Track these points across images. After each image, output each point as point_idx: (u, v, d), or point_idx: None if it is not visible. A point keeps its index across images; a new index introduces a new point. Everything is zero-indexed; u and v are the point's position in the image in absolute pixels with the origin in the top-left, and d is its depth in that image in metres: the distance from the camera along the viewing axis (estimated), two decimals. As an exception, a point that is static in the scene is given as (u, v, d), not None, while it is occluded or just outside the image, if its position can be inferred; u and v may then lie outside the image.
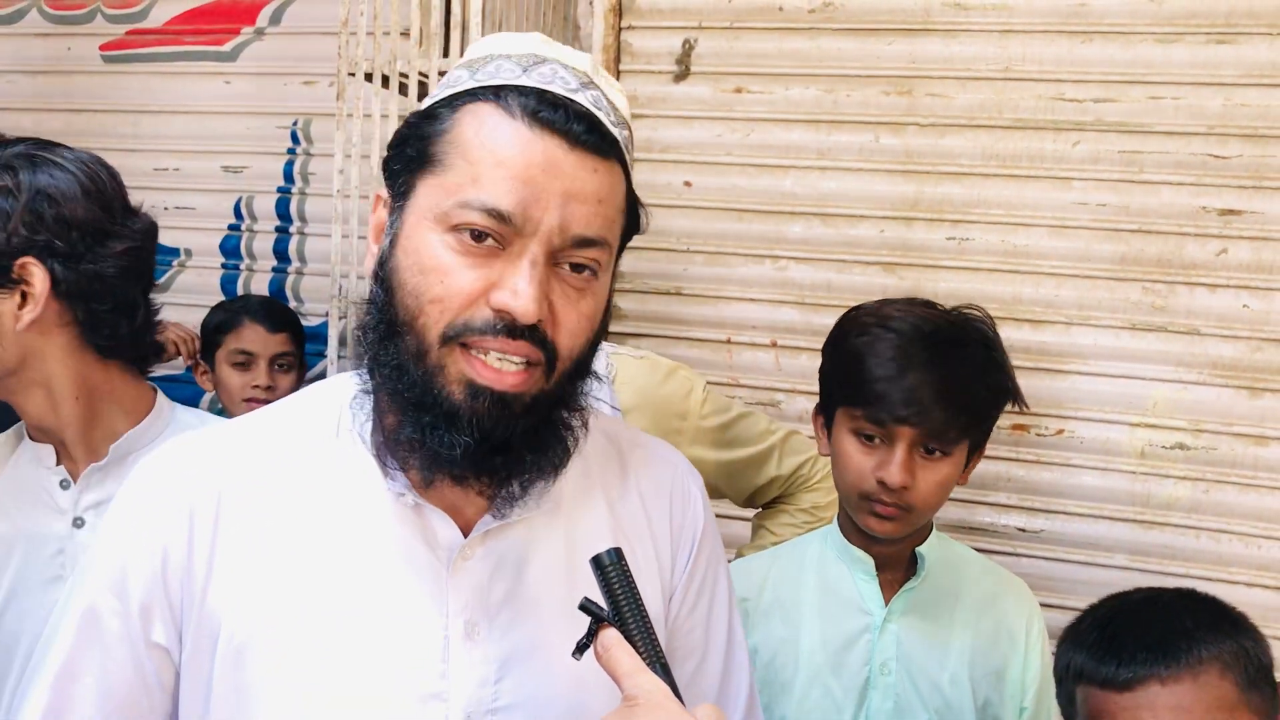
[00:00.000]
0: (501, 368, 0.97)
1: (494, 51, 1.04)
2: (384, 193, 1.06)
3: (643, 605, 0.96)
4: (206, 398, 2.87)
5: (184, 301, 3.33)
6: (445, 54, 2.57)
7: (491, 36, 1.09)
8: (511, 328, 0.96)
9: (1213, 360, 2.52)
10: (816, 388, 1.72)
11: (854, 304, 1.74)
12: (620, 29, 2.81)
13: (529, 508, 1.07)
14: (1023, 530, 2.62)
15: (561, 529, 1.09)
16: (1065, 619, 2.47)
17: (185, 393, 3.25)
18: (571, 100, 0.99)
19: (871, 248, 2.70)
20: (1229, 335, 2.51)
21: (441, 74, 2.54)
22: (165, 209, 3.35)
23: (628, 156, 1.06)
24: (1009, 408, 1.67)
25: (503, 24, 2.63)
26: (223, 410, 2.79)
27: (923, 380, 1.54)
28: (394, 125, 2.60)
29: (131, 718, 1.04)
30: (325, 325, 2.92)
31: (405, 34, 2.64)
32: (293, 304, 3.15)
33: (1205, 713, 1.24)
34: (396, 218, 1.02)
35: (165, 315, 3.24)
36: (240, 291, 3.29)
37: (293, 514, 1.04)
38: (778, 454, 2.22)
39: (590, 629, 0.96)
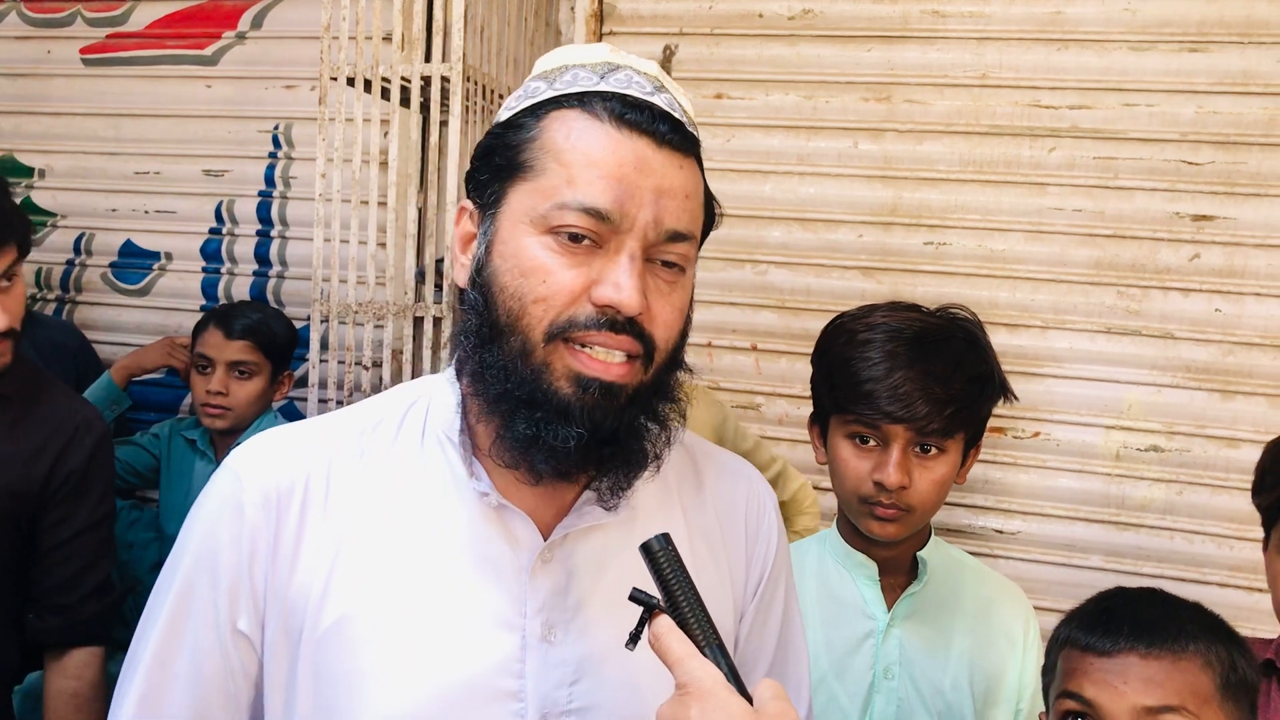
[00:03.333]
0: (606, 359, 0.99)
1: (568, 62, 1.06)
2: (468, 204, 1.08)
3: (694, 589, 0.97)
4: (188, 399, 2.87)
5: (165, 305, 3.33)
6: (427, 59, 2.58)
7: (561, 49, 1.11)
8: (614, 322, 0.98)
9: (1186, 364, 2.55)
10: (796, 391, 1.74)
11: (833, 308, 1.76)
12: (601, 35, 2.83)
13: (605, 514, 1.08)
14: (999, 531, 2.65)
15: (638, 537, 1.08)
16: (1043, 619, 2.50)
17: (166, 396, 3.25)
18: (651, 102, 1.02)
19: (850, 252, 2.72)
20: (1201, 339, 2.55)
21: (424, 78, 2.55)
22: (146, 212, 3.35)
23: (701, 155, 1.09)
24: (998, 406, 1.69)
25: (484, 29, 2.65)
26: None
27: (909, 377, 1.55)
28: (376, 129, 2.61)
29: (219, 704, 1.06)
30: (307, 329, 2.92)
31: (387, 39, 2.64)
32: (273, 307, 3.14)
33: (1175, 691, 1.26)
34: (489, 225, 1.04)
35: (145, 319, 3.29)
36: (221, 295, 3.28)
37: (378, 509, 1.06)
38: (781, 480, 2.25)
39: (642, 618, 0.97)
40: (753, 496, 1.24)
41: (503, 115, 1.08)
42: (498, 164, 1.04)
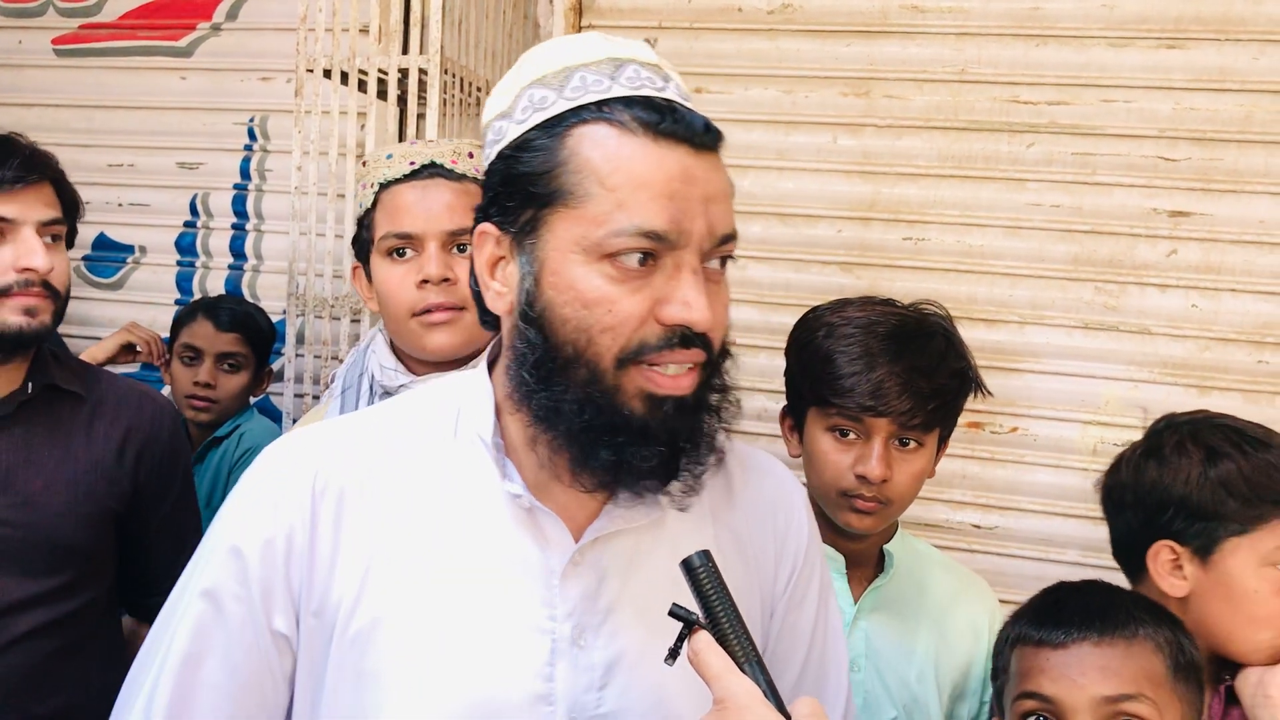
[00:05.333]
0: (676, 374, 0.99)
1: (569, 63, 1.03)
2: (490, 229, 1.05)
3: (734, 604, 0.97)
4: (165, 390, 2.84)
5: (138, 299, 3.29)
6: (405, 50, 2.56)
7: (552, 46, 1.08)
8: (684, 338, 0.98)
9: (1163, 359, 2.56)
10: (775, 386, 1.74)
11: (812, 303, 1.76)
12: (580, 28, 2.82)
13: (636, 516, 1.08)
14: (977, 526, 2.66)
15: (668, 540, 1.10)
16: (1019, 614, 2.52)
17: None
18: (675, 104, 1.01)
19: (829, 248, 2.72)
20: (1178, 334, 2.55)
21: (402, 71, 2.53)
22: (119, 205, 3.31)
23: None
24: (969, 400, 1.70)
25: (462, 21, 2.63)
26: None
27: (892, 371, 1.57)
28: (353, 122, 2.59)
29: (255, 704, 1.05)
30: (283, 323, 2.90)
31: (364, 30, 2.62)
32: (249, 301, 3.12)
33: (1131, 678, 1.28)
34: (531, 255, 1.02)
35: (119, 313, 3.26)
36: (195, 289, 3.25)
37: (413, 509, 1.06)
38: None
39: (681, 634, 0.97)
40: (782, 495, 1.24)
41: (511, 130, 1.04)
42: (529, 190, 1.01)
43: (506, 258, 1.05)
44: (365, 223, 1.75)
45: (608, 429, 0.99)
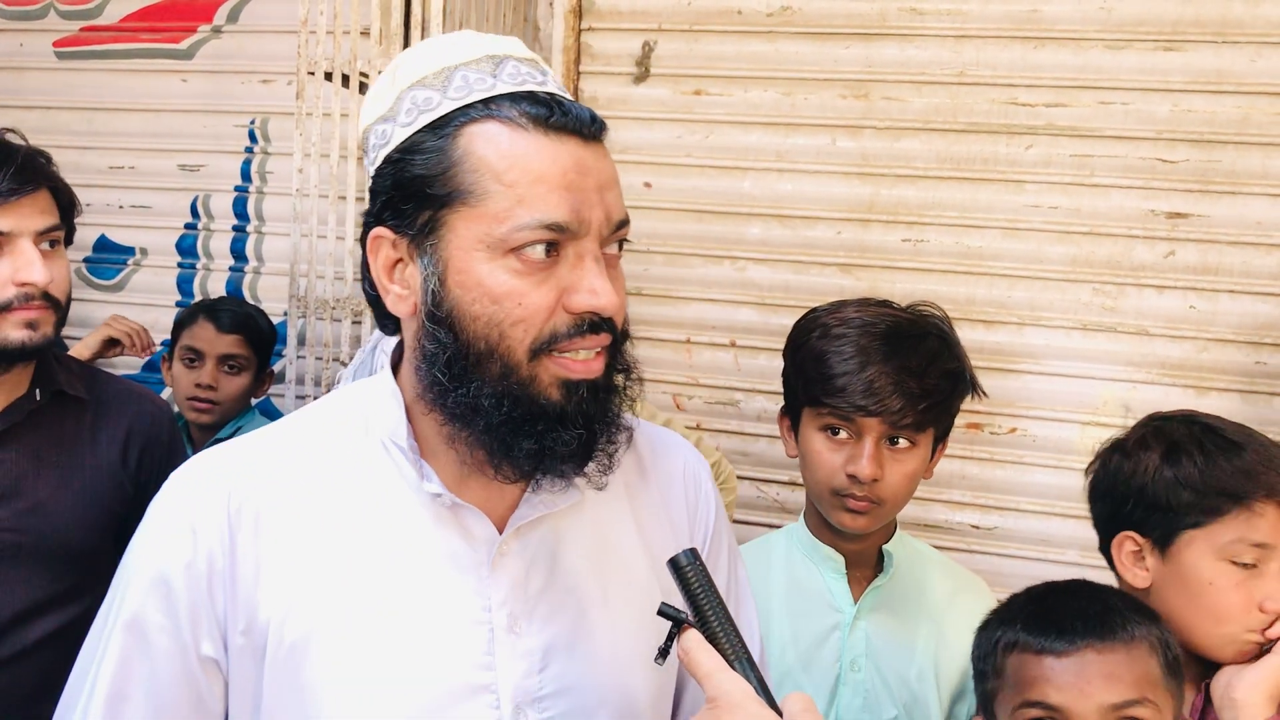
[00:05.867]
0: (587, 359, 1.02)
1: (446, 63, 1.04)
2: (386, 233, 1.05)
3: (722, 602, 0.98)
4: (166, 393, 2.85)
5: (139, 301, 3.30)
6: (405, 54, 2.57)
7: (421, 47, 1.09)
8: (593, 323, 1.01)
9: (1161, 360, 2.57)
10: (775, 387, 1.74)
11: (812, 304, 1.77)
12: (580, 30, 2.83)
13: (554, 501, 1.09)
14: (976, 527, 2.66)
15: (588, 519, 1.12)
16: (1018, 614, 2.52)
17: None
18: (560, 98, 1.02)
19: (829, 249, 2.73)
20: (1176, 336, 2.56)
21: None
22: (120, 207, 3.32)
23: None
24: (967, 402, 1.71)
25: (462, 24, 2.64)
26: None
27: (883, 371, 1.57)
28: (354, 124, 2.60)
29: None
30: (284, 325, 2.90)
31: (365, 33, 2.63)
32: (249, 303, 3.13)
33: (1134, 683, 1.29)
34: (432, 256, 1.02)
35: (120, 315, 3.25)
36: (196, 291, 3.26)
37: (333, 518, 1.06)
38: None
39: (670, 633, 0.98)
40: (687, 466, 1.27)
41: (396, 132, 1.04)
42: (425, 192, 1.01)
43: (405, 260, 1.05)
44: None
45: (527, 419, 1.00)
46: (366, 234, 1.07)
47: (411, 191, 1.02)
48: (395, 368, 1.13)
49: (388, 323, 1.12)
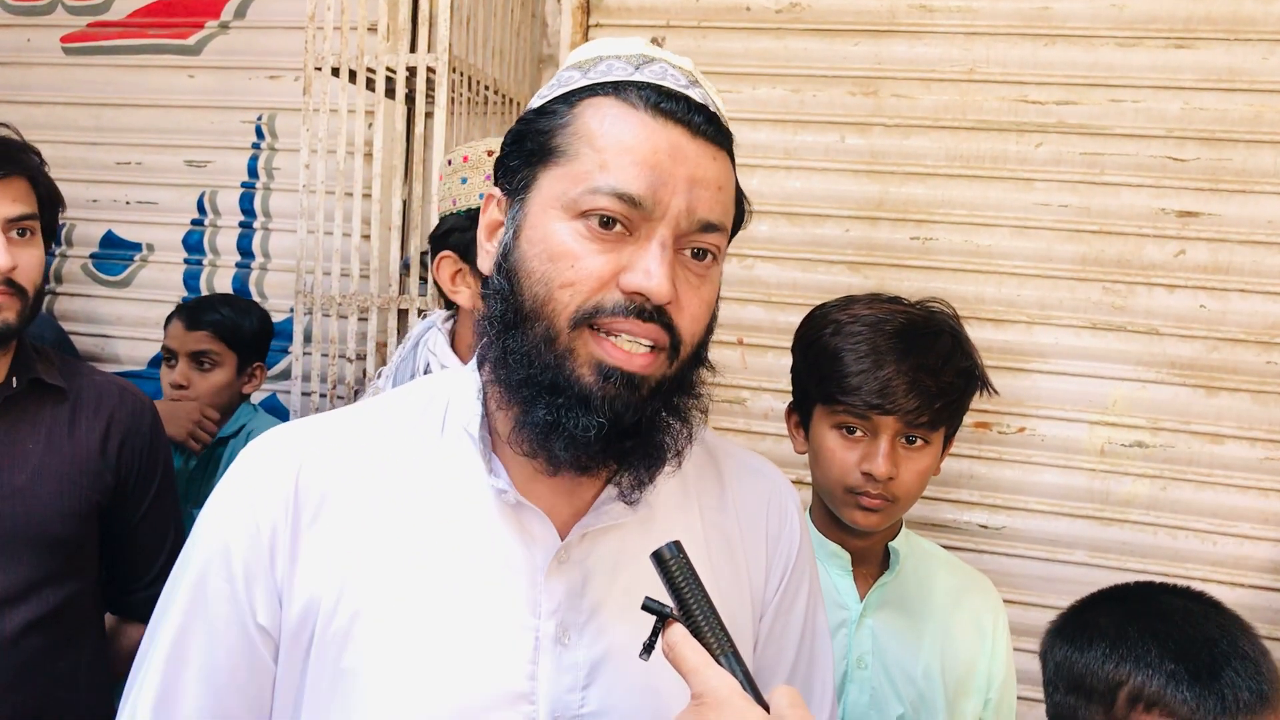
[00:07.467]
0: (631, 349, 0.98)
1: (603, 53, 1.06)
2: (496, 191, 1.08)
3: (708, 596, 0.96)
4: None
5: (146, 297, 3.30)
6: (413, 49, 2.57)
7: (596, 41, 1.11)
8: (641, 310, 0.97)
9: (1171, 359, 2.56)
10: (782, 385, 1.74)
11: (820, 302, 1.76)
12: (588, 26, 2.82)
13: (623, 514, 1.07)
14: (984, 527, 2.65)
15: (656, 539, 1.07)
16: (1026, 614, 2.52)
17: (148, 390, 3.22)
18: (687, 94, 1.01)
19: (837, 247, 2.72)
20: (1186, 335, 2.55)
21: (410, 69, 2.53)
22: (127, 203, 3.32)
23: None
24: (976, 401, 1.70)
25: (470, 20, 2.63)
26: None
27: (899, 370, 1.57)
28: (361, 120, 2.59)
29: (238, 703, 1.04)
30: (290, 322, 2.90)
31: (373, 28, 2.63)
32: (256, 299, 3.12)
33: None
34: (518, 210, 1.03)
35: (126, 311, 3.26)
36: (203, 287, 3.26)
37: (396, 504, 1.05)
38: None
39: (655, 627, 0.96)
40: (774, 497, 1.23)
41: (535, 102, 1.07)
42: (529, 149, 1.03)
43: (501, 220, 1.06)
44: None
45: (549, 388, 0.98)
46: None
47: (520, 149, 1.04)
48: (482, 362, 1.11)
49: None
